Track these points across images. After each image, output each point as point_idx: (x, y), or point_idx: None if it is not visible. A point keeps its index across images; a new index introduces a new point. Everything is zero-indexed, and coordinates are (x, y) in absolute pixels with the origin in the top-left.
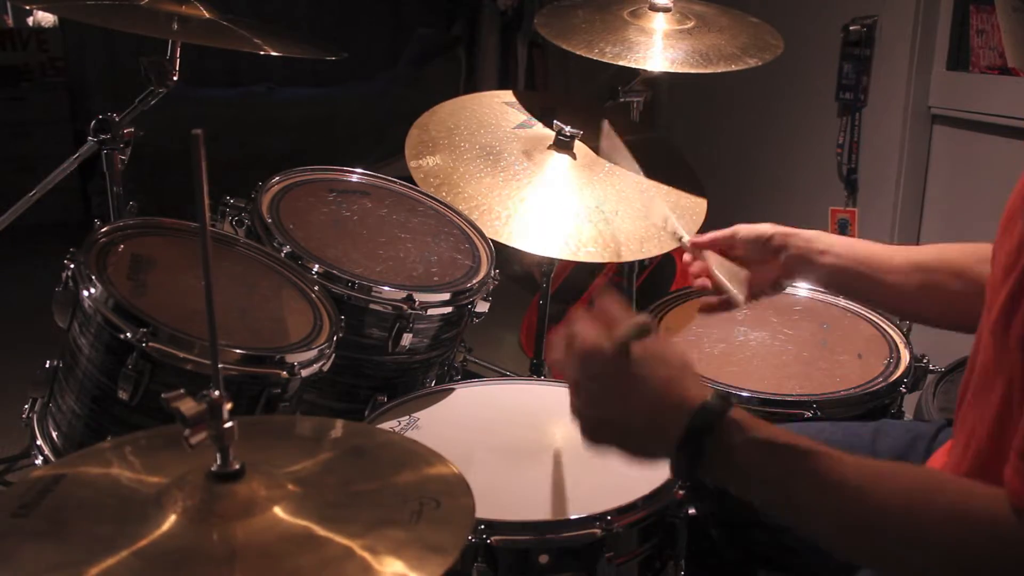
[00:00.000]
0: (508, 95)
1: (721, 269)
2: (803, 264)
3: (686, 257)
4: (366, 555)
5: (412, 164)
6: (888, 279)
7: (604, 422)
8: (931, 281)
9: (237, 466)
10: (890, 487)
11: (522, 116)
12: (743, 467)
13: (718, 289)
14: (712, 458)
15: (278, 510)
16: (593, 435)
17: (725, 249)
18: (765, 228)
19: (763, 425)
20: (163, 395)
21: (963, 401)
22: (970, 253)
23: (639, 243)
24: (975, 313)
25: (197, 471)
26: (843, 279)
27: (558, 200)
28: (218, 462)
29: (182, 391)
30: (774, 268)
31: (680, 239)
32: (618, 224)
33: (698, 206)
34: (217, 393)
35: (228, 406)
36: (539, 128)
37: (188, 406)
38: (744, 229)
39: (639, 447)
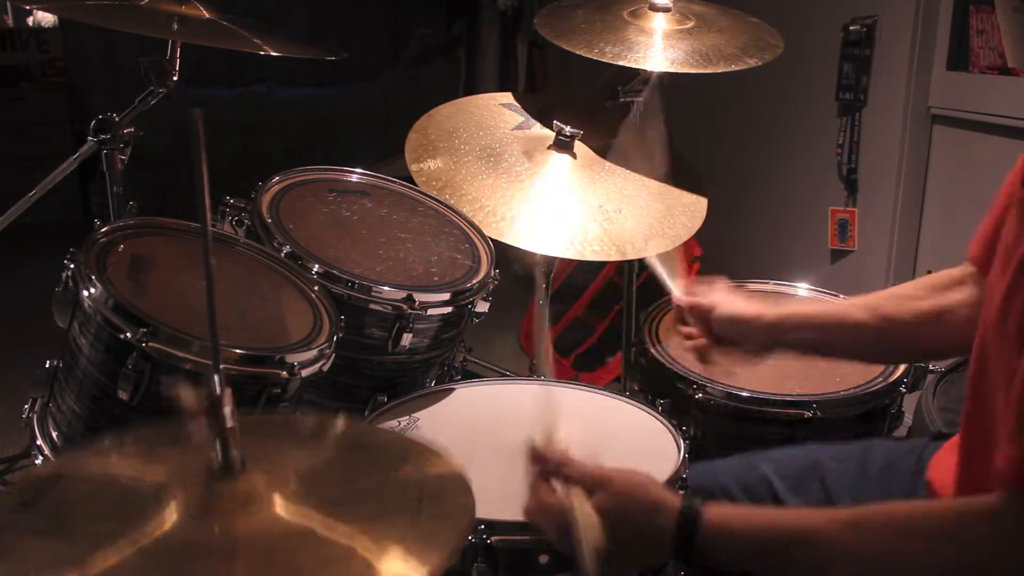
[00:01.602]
0: (505, 97)
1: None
2: (775, 346)
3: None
4: (368, 548)
5: (413, 168)
6: (859, 345)
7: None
8: (897, 328)
9: (238, 461)
10: (871, 540)
11: (520, 117)
12: (734, 563)
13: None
14: (706, 563)
15: (279, 505)
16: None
17: (705, 314)
18: (739, 311)
19: (737, 521)
20: (162, 378)
21: (971, 398)
22: (925, 286)
23: (644, 241)
24: (950, 341)
25: (198, 466)
26: (816, 348)
27: (561, 200)
28: (219, 457)
29: (181, 379)
30: (748, 347)
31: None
32: (622, 222)
33: (699, 204)
34: (218, 388)
35: (229, 398)
36: (538, 129)
37: (189, 399)
38: (720, 309)
39: (652, 562)
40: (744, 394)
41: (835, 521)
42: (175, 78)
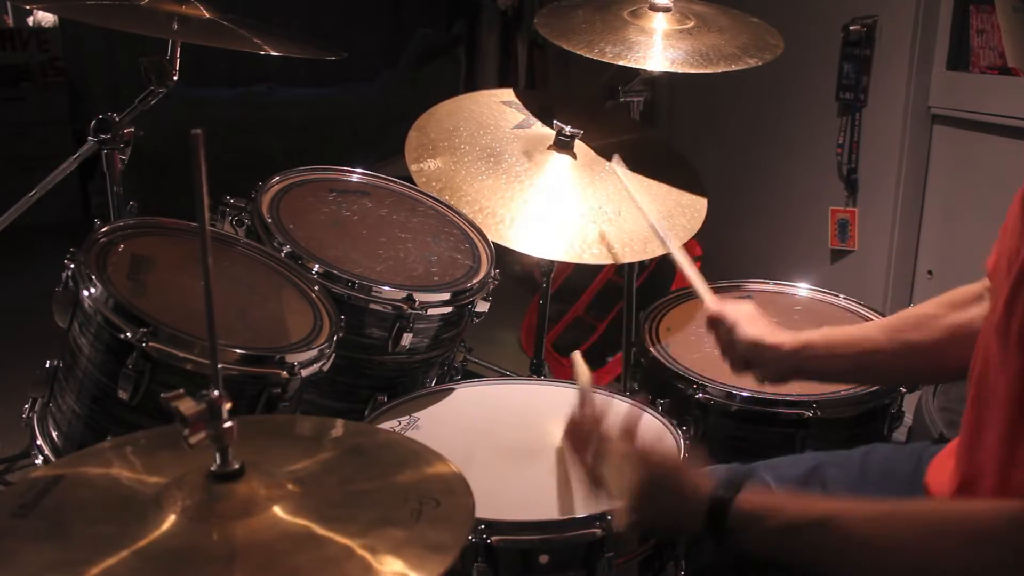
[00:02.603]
0: (505, 94)
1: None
2: (794, 375)
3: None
4: (366, 554)
5: (413, 168)
6: (881, 373)
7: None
8: (918, 350)
9: (237, 466)
10: (902, 533)
11: (520, 116)
12: (761, 552)
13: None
14: (734, 548)
15: (278, 509)
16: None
17: (728, 328)
18: (759, 336)
19: (767, 509)
20: (163, 395)
21: (973, 402)
22: (944, 303)
23: (642, 243)
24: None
25: (197, 471)
26: (836, 376)
27: (560, 201)
28: (218, 462)
29: (182, 391)
30: (764, 372)
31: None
32: (620, 224)
33: (698, 204)
34: (217, 393)
35: (228, 406)
36: (539, 128)
37: (188, 406)
38: (741, 330)
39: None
40: (744, 394)
41: (869, 511)
42: (175, 78)
